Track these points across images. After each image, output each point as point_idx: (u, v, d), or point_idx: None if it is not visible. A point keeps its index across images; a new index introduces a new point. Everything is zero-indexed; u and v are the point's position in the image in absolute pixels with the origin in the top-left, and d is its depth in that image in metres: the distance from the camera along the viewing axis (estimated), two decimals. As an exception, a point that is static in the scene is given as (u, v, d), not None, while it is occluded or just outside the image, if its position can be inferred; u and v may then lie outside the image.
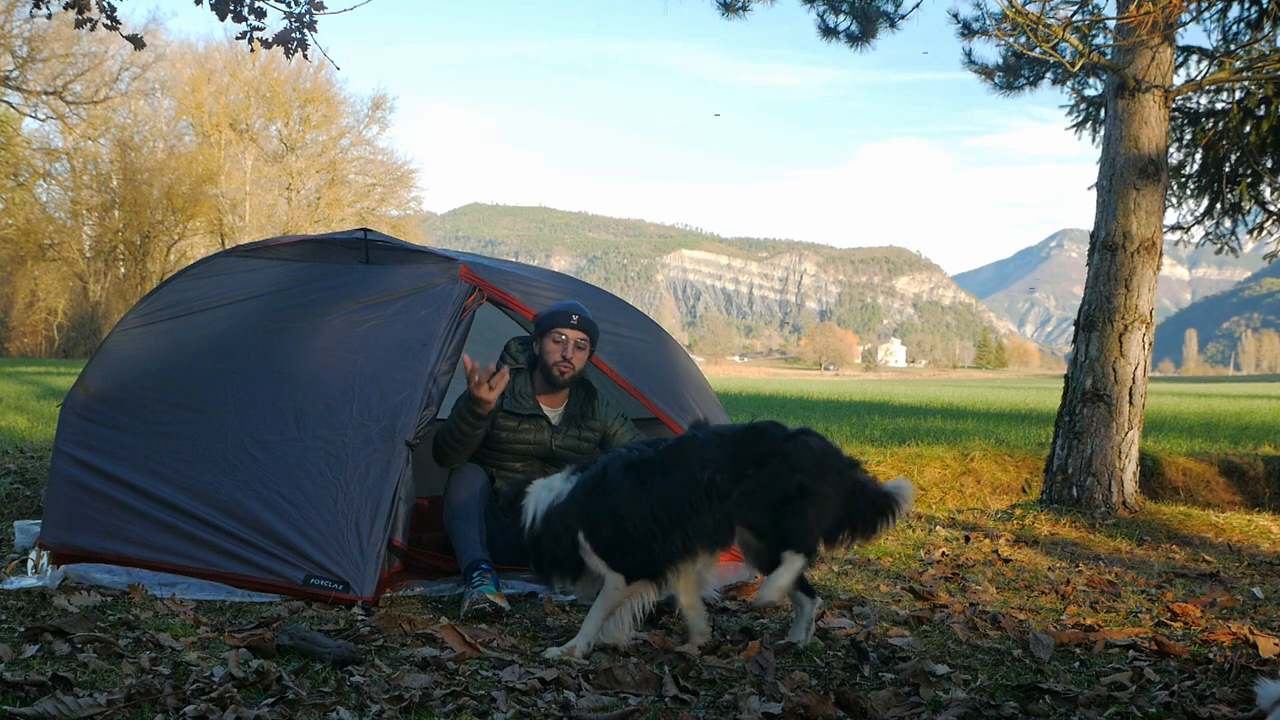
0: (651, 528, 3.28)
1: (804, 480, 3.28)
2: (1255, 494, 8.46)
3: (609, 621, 3.33)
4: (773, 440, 3.37)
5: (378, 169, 45.83)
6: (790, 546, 3.25)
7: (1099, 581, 4.85)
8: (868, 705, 2.72)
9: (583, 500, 3.41)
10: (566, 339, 4.24)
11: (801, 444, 3.37)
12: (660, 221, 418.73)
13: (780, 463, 3.31)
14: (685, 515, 3.28)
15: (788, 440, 3.37)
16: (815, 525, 3.30)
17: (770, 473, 3.29)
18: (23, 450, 6.92)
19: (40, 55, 33.02)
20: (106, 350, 4.38)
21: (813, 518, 3.28)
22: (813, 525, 3.29)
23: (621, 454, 3.49)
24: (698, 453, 3.37)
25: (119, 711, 2.46)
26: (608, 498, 3.37)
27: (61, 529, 3.99)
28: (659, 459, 3.40)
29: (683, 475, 3.32)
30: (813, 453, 3.35)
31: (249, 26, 5.84)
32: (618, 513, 3.33)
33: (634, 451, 3.48)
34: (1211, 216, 9.42)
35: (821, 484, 3.30)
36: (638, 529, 3.30)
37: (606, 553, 3.34)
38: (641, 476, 3.36)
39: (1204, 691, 2.95)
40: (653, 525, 3.28)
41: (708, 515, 3.29)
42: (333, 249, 4.50)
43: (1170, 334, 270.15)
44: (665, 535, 3.28)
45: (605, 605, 3.32)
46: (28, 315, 40.38)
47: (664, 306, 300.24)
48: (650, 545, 3.29)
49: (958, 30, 8.39)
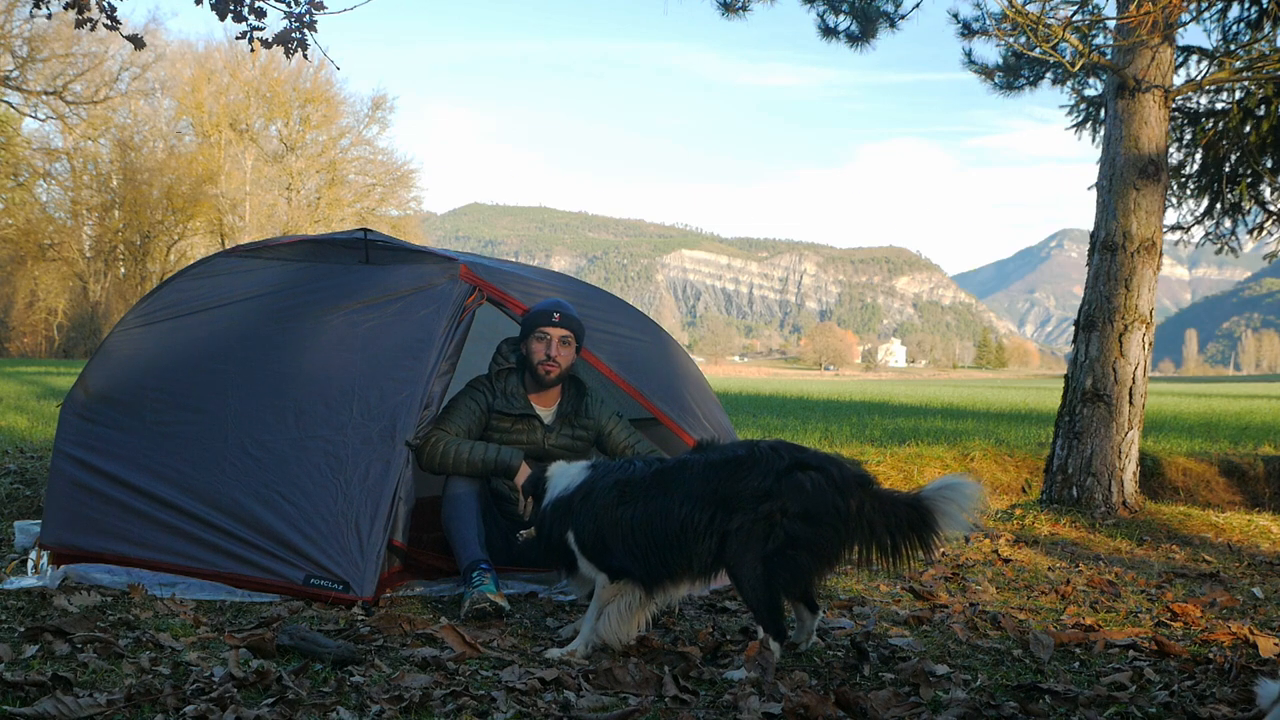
0: (631, 548, 3.26)
1: (793, 529, 3.09)
2: (1255, 494, 8.47)
3: (611, 621, 3.32)
4: (762, 477, 3.14)
5: (378, 169, 45.84)
6: (772, 631, 3.12)
7: (1099, 581, 4.85)
8: (868, 705, 2.72)
9: (577, 501, 3.41)
10: (549, 337, 4.22)
11: (792, 484, 3.12)
12: (660, 221, 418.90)
13: (770, 508, 3.10)
14: (661, 546, 3.22)
15: (778, 479, 3.13)
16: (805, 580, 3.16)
17: (757, 520, 3.11)
18: (23, 450, 6.92)
19: (40, 55, 33.02)
20: (106, 350, 4.37)
21: (804, 571, 3.12)
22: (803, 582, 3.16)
23: (619, 466, 3.48)
24: (681, 485, 3.24)
25: (119, 711, 2.46)
26: (593, 508, 3.36)
27: (61, 529, 3.99)
28: (647, 481, 3.33)
29: (661, 506, 3.24)
30: (804, 494, 3.11)
31: (249, 26, 5.84)
32: (600, 524, 3.32)
33: (630, 467, 3.44)
34: (1211, 216, 9.42)
35: (814, 530, 3.09)
36: (617, 543, 3.29)
37: (592, 555, 3.36)
38: (624, 495, 3.32)
39: (1204, 691, 2.95)
40: (632, 546, 3.26)
41: (683, 550, 3.19)
42: (333, 249, 4.50)
43: (1170, 334, 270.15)
44: (644, 559, 3.25)
45: (598, 604, 3.34)
46: (28, 315, 40.38)
47: (664, 306, 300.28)
48: (631, 560, 3.27)
49: (958, 30, 8.40)
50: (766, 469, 3.15)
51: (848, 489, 3.14)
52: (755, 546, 3.10)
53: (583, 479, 3.47)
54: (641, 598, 3.31)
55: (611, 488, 3.37)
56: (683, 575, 3.27)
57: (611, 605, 3.32)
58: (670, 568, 3.24)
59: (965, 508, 3.11)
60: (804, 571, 3.14)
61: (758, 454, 3.20)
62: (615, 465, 3.50)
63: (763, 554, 3.09)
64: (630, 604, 3.31)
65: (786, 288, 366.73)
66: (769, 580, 3.11)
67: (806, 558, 3.11)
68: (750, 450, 3.24)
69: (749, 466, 3.18)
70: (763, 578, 3.11)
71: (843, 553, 3.16)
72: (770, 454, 3.19)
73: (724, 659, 3.26)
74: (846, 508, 3.12)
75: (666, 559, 3.23)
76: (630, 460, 3.54)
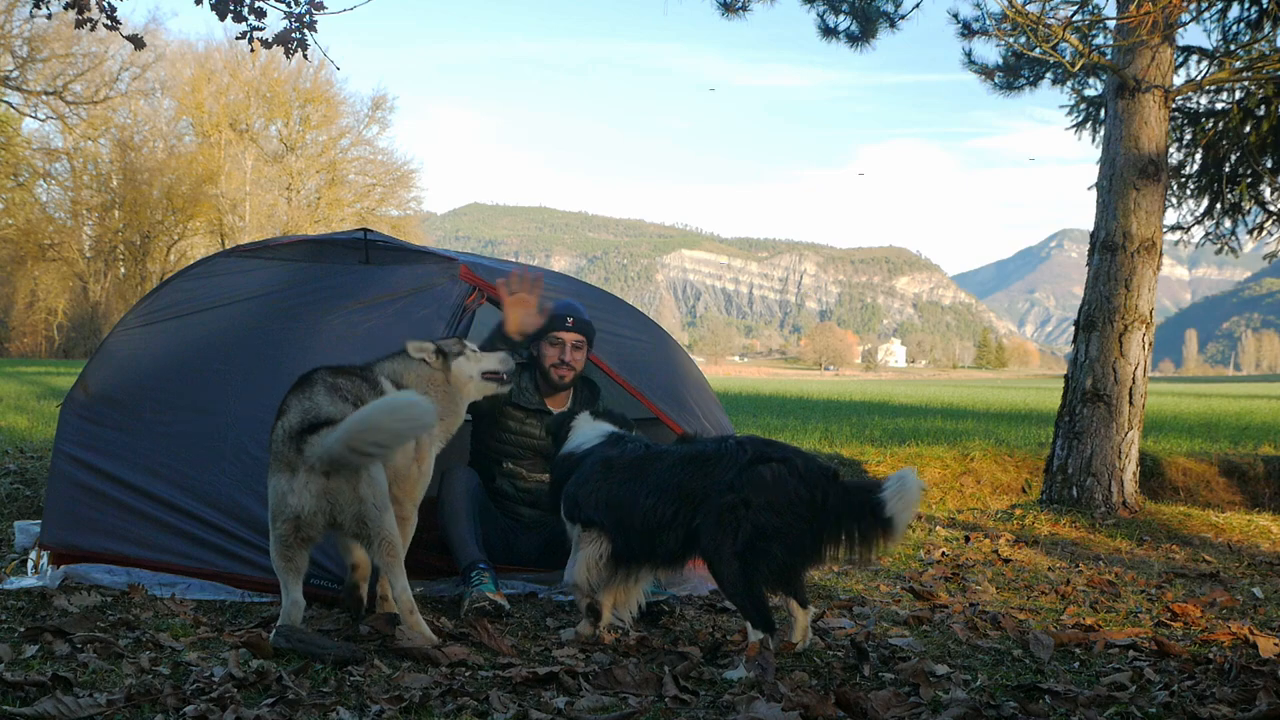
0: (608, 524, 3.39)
1: (758, 520, 3.12)
2: (1255, 494, 8.46)
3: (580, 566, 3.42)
4: (725, 470, 3.19)
5: (378, 169, 45.79)
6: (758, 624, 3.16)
7: (1099, 581, 4.86)
8: (868, 705, 2.72)
9: (576, 462, 3.56)
10: (563, 342, 4.23)
11: (754, 476, 3.16)
12: (660, 221, 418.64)
13: (732, 499, 3.15)
14: (626, 530, 3.34)
15: (740, 472, 3.17)
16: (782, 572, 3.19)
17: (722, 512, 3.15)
18: (23, 450, 6.92)
19: (40, 55, 33.00)
20: (106, 350, 4.37)
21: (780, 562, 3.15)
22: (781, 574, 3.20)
23: (615, 441, 3.59)
24: (652, 476, 3.33)
25: (119, 711, 2.46)
26: (580, 479, 3.49)
27: (61, 529, 3.99)
28: (626, 465, 3.44)
29: (630, 492, 3.34)
30: (765, 486, 3.14)
31: (249, 26, 5.84)
32: (579, 492, 3.47)
33: (622, 446, 3.53)
34: (1211, 216, 9.42)
35: (780, 519, 3.12)
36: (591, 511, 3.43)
37: (569, 514, 3.52)
38: (607, 472, 3.44)
39: (1204, 691, 2.95)
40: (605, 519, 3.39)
41: (648, 539, 3.29)
42: (333, 249, 4.50)
43: (1170, 334, 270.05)
44: (612, 532, 3.38)
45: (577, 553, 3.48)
46: (28, 315, 40.36)
47: (664, 306, 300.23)
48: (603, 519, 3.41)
49: (958, 30, 8.40)
50: (730, 463, 3.21)
51: (812, 480, 3.17)
52: (726, 541, 3.15)
53: (593, 444, 3.59)
54: (609, 555, 3.40)
55: (598, 463, 3.49)
56: (647, 560, 3.37)
57: (583, 550, 3.43)
58: (634, 550, 3.36)
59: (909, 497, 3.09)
60: (779, 563, 3.17)
61: (724, 449, 3.27)
62: (615, 439, 3.60)
63: (736, 549, 3.14)
64: (600, 553, 3.41)
65: (786, 288, 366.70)
66: (746, 573, 3.15)
67: (779, 549, 3.14)
68: (719, 445, 3.30)
69: (714, 461, 3.24)
70: (740, 572, 3.15)
71: (818, 543, 3.18)
72: (736, 449, 3.26)
73: (724, 659, 3.26)
74: (811, 498, 3.14)
75: (630, 542, 3.35)
76: (628, 439, 3.62)
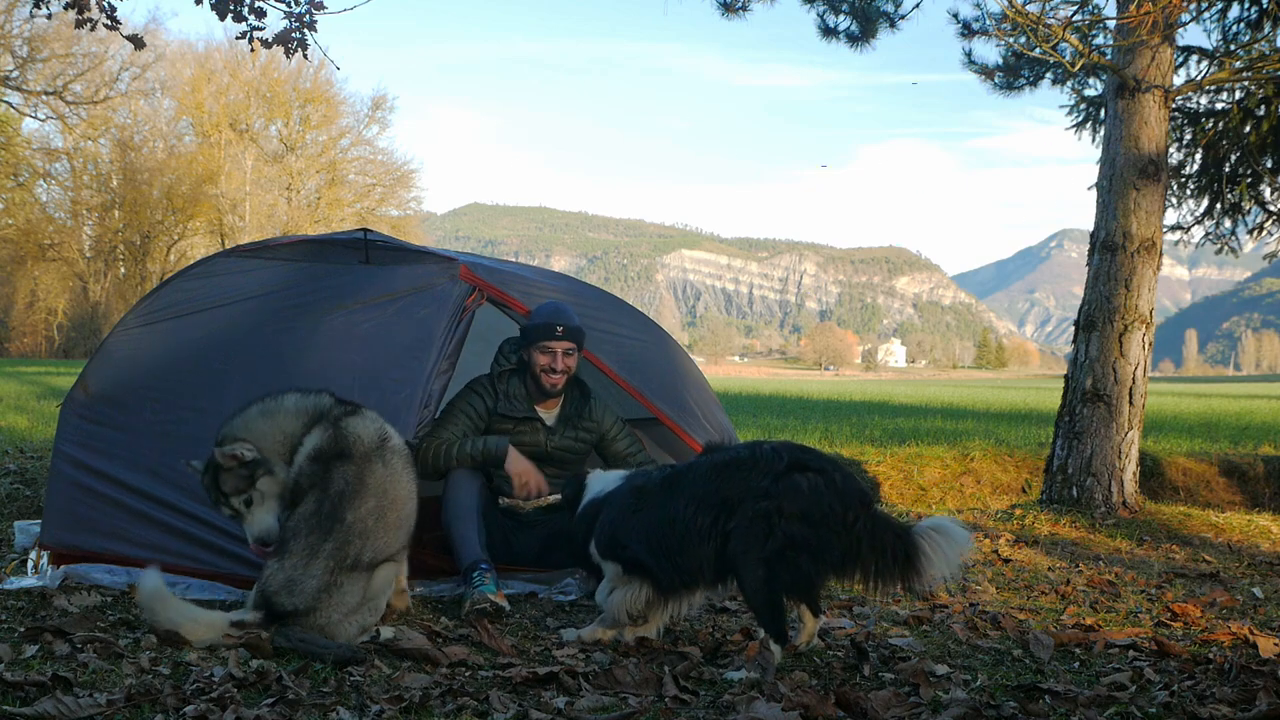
0: (647, 555, 3.30)
1: (791, 530, 3.06)
2: (1255, 494, 8.46)
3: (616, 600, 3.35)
4: (761, 477, 3.12)
5: (378, 169, 45.83)
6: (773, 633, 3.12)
7: (1099, 581, 4.85)
8: (868, 705, 2.71)
9: (602, 510, 3.50)
10: (554, 350, 4.23)
11: (790, 485, 3.09)
12: (660, 221, 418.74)
13: (766, 507, 3.08)
14: (671, 551, 3.25)
15: (776, 480, 3.10)
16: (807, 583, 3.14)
17: (754, 519, 3.09)
18: (23, 450, 6.92)
19: (40, 55, 33.03)
20: (106, 350, 4.37)
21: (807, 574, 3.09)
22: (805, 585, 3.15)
23: (640, 474, 3.57)
24: (686, 488, 3.27)
25: (119, 711, 2.46)
26: (612, 514, 3.44)
27: (61, 529, 3.99)
28: (658, 486, 3.38)
29: (669, 511, 3.27)
30: (801, 496, 3.08)
31: (249, 26, 5.84)
32: (616, 528, 3.40)
33: (647, 474, 3.51)
34: (1211, 216, 9.41)
35: (813, 532, 3.05)
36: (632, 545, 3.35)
37: (605, 553, 3.44)
38: (640, 501, 3.38)
39: (1204, 691, 2.95)
40: (647, 549, 3.30)
41: (690, 554, 3.21)
42: (333, 249, 4.50)
43: (1170, 334, 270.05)
44: (657, 562, 3.28)
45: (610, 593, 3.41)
46: (28, 315, 40.38)
47: (664, 306, 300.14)
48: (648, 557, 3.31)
49: (958, 30, 8.39)
50: (765, 469, 3.14)
51: (847, 498, 3.11)
52: (755, 547, 3.08)
53: (614, 486, 3.55)
54: (651, 594, 3.33)
55: (628, 493, 3.44)
56: (695, 580, 3.28)
57: (620, 589, 3.37)
58: (681, 572, 3.26)
59: (951, 554, 3.07)
60: (806, 575, 3.12)
61: (759, 455, 3.20)
62: (636, 475, 3.58)
63: (763, 555, 3.08)
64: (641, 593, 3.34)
65: (786, 288, 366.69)
66: (770, 582, 3.10)
67: (808, 561, 3.08)
68: (752, 451, 3.24)
69: (749, 467, 3.17)
70: (764, 580, 3.10)
71: (846, 559, 3.10)
72: (771, 455, 3.18)
73: (724, 659, 3.26)
74: (844, 516, 3.08)
75: (677, 563, 3.25)
76: (648, 471, 3.61)
